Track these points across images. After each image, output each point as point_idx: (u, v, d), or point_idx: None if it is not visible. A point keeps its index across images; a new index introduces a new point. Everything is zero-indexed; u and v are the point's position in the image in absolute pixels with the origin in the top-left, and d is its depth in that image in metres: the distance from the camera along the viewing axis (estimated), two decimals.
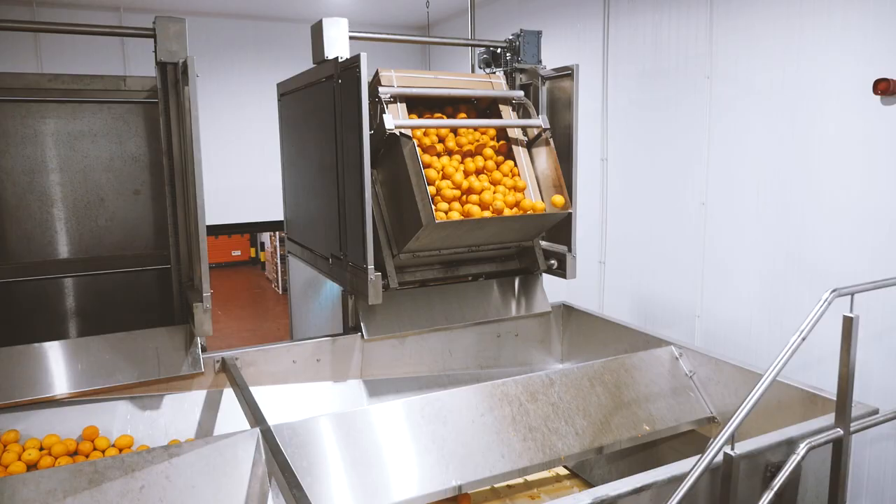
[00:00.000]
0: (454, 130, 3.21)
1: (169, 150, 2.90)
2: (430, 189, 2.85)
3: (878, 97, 3.12)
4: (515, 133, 3.27)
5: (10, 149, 2.80)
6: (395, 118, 2.92)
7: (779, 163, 3.63)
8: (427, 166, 2.96)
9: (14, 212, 2.83)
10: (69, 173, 2.90)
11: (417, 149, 2.80)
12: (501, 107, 3.30)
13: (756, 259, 3.79)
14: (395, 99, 3.02)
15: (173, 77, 2.79)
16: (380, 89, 2.97)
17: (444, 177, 3.01)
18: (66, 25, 2.87)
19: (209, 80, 6.48)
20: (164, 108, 2.86)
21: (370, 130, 2.82)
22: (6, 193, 2.81)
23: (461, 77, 3.33)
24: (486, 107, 3.39)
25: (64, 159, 2.89)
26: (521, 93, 3.32)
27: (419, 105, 3.24)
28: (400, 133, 2.83)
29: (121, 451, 2.64)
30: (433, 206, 2.75)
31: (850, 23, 3.23)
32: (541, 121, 3.17)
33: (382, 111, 2.90)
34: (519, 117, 3.30)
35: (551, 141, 3.15)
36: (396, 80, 3.10)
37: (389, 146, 2.90)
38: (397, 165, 2.86)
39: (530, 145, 3.25)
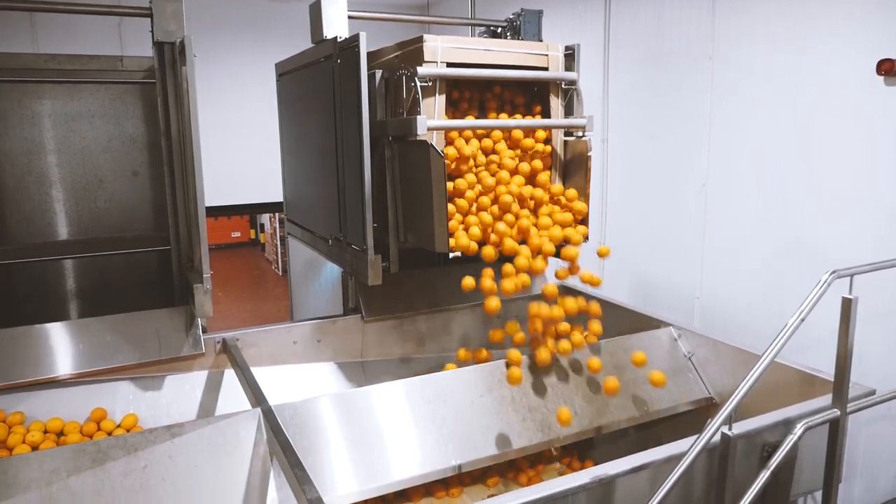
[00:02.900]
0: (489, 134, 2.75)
1: (167, 130, 2.88)
2: (451, 223, 2.51)
3: (882, 78, 3.10)
4: (558, 133, 2.85)
5: (8, 130, 2.78)
6: (430, 117, 2.45)
7: (781, 144, 3.61)
8: (456, 181, 2.58)
9: (13, 194, 2.83)
10: (67, 154, 2.89)
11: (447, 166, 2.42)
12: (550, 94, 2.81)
13: (756, 241, 3.79)
14: (435, 85, 2.51)
15: (171, 57, 2.77)
16: (419, 71, 2.45)
17: (459, 198, 2.62)
18: (62, 5, 2.85)
19: (207, 59, 6.38)
20: (162, 89, 2.83)
21: (400, 110, 2.61)
22: (4, 175, 2.80)
23: (516, 49, 2.71)
24: (531, 86, 2.90)
25: (62, 140, 2.87)
26: (575, 75, 2.82)
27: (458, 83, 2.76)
28: (431, 145, 2.40)
29: (128, 430, 2.66)
30: (449, 235, 2.47)
31: (854, 3, 3.20)
32: (585, 121, 2.74)
33: (417, 105, 2.45)
34: (562, 105, 2.84)
35: (590, 151, 2.75)
36: (442, 52, 2.51)
37: (416, 141, 2.56)
38: (421, 170, 2.50)
39: (565, 143, 2.91)
